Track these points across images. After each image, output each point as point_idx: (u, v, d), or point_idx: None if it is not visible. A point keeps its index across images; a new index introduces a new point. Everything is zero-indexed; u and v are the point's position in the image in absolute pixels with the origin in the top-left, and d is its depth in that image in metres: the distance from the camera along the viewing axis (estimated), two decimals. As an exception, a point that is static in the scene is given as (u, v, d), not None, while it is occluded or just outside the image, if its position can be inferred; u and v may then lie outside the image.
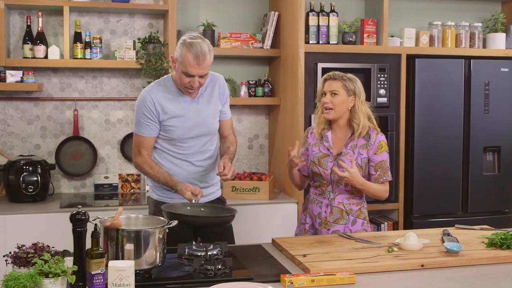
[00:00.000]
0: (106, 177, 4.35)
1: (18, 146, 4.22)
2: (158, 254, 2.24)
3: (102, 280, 2.00)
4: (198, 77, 2.82)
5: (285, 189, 4.33)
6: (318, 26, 4.24)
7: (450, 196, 4.39)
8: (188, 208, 2.67)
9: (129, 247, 2.17)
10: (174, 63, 2.88)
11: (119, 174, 4.37)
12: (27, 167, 3.91)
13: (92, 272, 1.99)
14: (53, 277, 1.93)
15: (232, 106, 4.52)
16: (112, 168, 4.39)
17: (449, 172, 4.37)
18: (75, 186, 4.34)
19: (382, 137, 2.98)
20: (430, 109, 4.32)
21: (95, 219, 2.23)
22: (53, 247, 2.12)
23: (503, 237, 2.65)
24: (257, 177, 4.19)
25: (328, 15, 4.26)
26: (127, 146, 4.36)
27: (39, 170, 3.94)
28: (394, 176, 4.32)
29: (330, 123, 3.02)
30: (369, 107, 3.00)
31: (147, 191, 4.31)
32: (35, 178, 3.90)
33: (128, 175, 4.37)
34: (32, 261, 1.99)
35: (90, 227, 2.15)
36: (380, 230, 4.31)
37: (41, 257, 1.99)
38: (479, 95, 4.40)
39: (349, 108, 2.95)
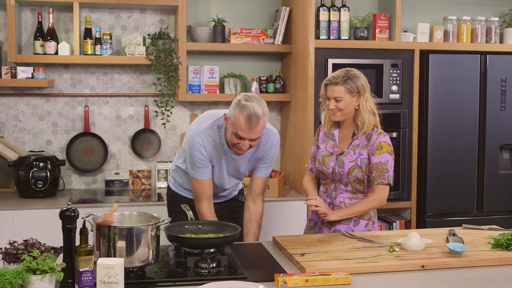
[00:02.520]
0: (117, 173, 4.35)
1: (29, 142, 4.25)
2: (151, 251, 2.22)
3: (90, 277, 1.98)
4: (248, 140, 2.71)
5: (296, 186, 4.28)
6: (329, 21, 4.18)
7: (464, 194, 4.29)
8: (186, 227, 2.63)
9: (121, 244, 2.16)
10: (227, 121, 2.76)
11: (130, 170, 4.37)
12: (37, 162, 3.94)
13: (80, 269, 1.97)
14: (41, 274, 1.92)
15: (243, 103, 4.52)
16: (123, 164, 4.40)
17: (463, 170, 4.27)
18: (86, 182, 4.35)
19: (384, 138, 2.84)
20: (444, 105, 4.22)
21: (88, 216, 2.22)
22: (44, 243, 2.11)
23: (509, 237, 2.57)
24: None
25: (339, 10, 4.19)
26: (138, 142, 4.37)
27: (49, 166, 3.97)
28: (407, 174, 4.24)
29: (337, 122, 2.96)
30: (375, 103, 2.91)
31: (158, 187, 4.34)
32: (45, 174, 3.92)
33: (138, 171, 4.37)
34: (21, 258, 1.98)
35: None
36: (392, 229, 4.23)
37: (30, 254, 1.98)
38: (495, 91, 4.28)
39: (356, 107, 2.86)
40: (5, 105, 4.20)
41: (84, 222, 2.08)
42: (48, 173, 3.94)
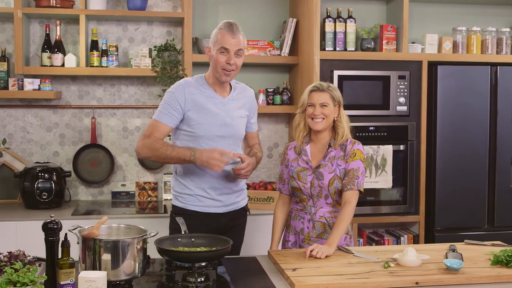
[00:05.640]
0: (123, 185, 4.35)
1: (37, 153, 4.28)
2: (137, 264, 2.20)
3: (71, 291, 1.97)
4: (234, 55, 2.79)
5: (302, 199, 4.23)
6: (335, 33, 4.14)
7: (475, 209, 4.20)
8: (179, 240, 2.59)
9: (106, 257, 2.14)
10: (209, 52, 2.87)
11: (136, 182, 4.37)
12: (42, 174, 3.95)
13: (61, 283, 1.96)
14: (21, 286, 1.90)
15: (250, 115, 4.50)
16: (129, 176, 4.40)
17: (473, 184, 4.18)
18: (92, 193, 4.36)
19: (357, 146, 2.87)
20: (454, 118, 4.15)
21: (75, 228, 2.21)
22: (29, 256, 2.10)
23: (510, 254, 2.49)
24: (272, 187, 4.12)
25: (345, 21, 4.15)
26: (145, 154, 4.36)
27: (54, 177, 3.97)
28: (415, 187, 4.17)
29: (309, 135, 2.94)
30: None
31: (165, 199, 4.32)
32: (49, 185, 3.93)
33: (145, 183, 4.36)
34: (4, 270, 1.97)
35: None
36: (400, 244, 4.16)
37: (12, 266, 1.97)
38: (506, 103, 4.19)
39: (335, 118, 2.88)
40: (13, 116, 4.24)
41: (65, 234, 2.06)
42: (53, 184, 3.95)
